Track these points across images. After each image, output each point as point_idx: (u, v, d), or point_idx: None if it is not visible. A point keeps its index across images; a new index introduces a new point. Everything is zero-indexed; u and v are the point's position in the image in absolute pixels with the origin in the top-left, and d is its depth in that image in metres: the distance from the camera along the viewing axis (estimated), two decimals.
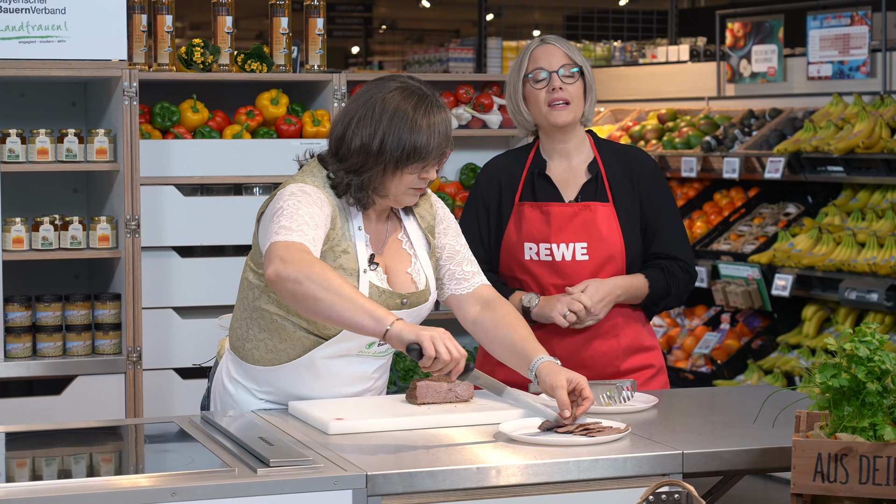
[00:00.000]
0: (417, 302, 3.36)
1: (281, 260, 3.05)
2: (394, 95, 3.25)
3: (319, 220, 3.19)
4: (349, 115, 3.28)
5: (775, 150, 7.26)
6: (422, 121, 3.23)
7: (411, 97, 3.25)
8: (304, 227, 3.14)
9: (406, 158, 3.22)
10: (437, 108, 3.28)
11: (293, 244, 3.09)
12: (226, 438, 3.06)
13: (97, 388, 4.83)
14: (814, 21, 7.47)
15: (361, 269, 3.27)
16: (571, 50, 3.80)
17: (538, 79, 3.77)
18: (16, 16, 4.70)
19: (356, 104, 3.28)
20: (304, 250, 3.08)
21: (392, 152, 3.21)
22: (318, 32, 5.29)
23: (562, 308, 3.68)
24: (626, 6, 12.24)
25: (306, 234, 3.13)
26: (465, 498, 2.84)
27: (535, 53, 3.79)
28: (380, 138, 3.21)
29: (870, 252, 6.63)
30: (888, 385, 2.75)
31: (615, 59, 10.55)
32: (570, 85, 3.76)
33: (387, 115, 3.22)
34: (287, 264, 3.04)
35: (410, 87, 3.27)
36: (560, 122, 3.77)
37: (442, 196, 5.49)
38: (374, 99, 3.25)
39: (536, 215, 3.80)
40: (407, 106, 3.24)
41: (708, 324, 7.77)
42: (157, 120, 5.10)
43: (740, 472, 3.14)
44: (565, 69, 3.76)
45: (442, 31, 19.27)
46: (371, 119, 3.23)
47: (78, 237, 4.83)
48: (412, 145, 3.22)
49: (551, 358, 3.30)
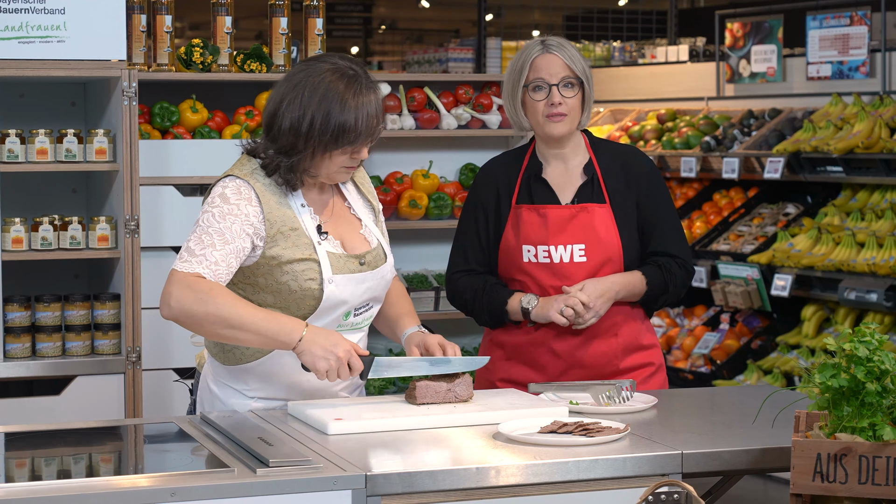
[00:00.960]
0: (376, 261, 3.41)
1: (175, 300, 3.17)
2: (324, 77, 3.25)
3: (235, 232, 3.23)
4: (280, 95, 3.30)
5: (775, 150, 7.26)
6: (351, 102, 3.24)
7: (341, 78, 3.26)
8: (207, 249, 3.21)
9: (335, 140, 3.25)
10: (367, 88, 3.28)
11: (188, 277, 3.19)
12: (225, 438, 3.06)
13: (96, 389, 4.83)
14: (813, 21, 7.47)
15: (316, 242, 3.31)
16: (573, 59, 3.76)
17: (537, 88, 3.76)
18: (15, 16, 4.70)
19: (287, 85, 3.29)
20: (195, 282, 3.17)
21: (321, 134, 3.24)
22: (317, 32, 5.29)
23: (558, 306, 3.68)
24: (626, 6, 12.24)
25: (209, 257, 3.20)
26: (464, 498, 2.84)
27: (536, 62, 3.76)
28: (309, 119, 3.23)
29: (869, 252, 6.63)
30: (887, 385, 2.75)
31: (614, 59, 10.55)
32: (570, 98, 3.75)
33: (316, 96, 3.24)
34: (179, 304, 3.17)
35: (341, 69, 3.28)
36: (556, 134, 3.77)
37: (441, 196, 5.49)
38: (304, 80, 3.26)
39: (534, 218, 3.80)
40: (336, 87, 3.24)
41: (707, 324, 7.77)
42: (156, 120, 5.10)
43: (740, 472, 3.14)
44: (565, 81, 3.75)
45: (441, 31, 19.27)
46: (300, 100, 3.25)
47: (77, 237, 4.83)
48: (340, 126, 3.23)
49: (421, 329, 3.47)
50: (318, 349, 3.17)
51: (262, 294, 3.32)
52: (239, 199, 3.28)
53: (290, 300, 3.30)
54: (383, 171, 5.62)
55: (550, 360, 3.78)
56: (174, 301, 3.17)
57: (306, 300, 3.30)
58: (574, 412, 3.35)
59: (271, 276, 3.30)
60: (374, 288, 3.41)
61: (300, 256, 3.29)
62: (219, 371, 3.43)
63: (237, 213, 3.26)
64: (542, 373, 3.78)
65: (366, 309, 3.44)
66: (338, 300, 3.32)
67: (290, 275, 3.28)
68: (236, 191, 3.29)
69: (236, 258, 3.24)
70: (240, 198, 3.28)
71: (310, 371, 3.22)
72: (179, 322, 3.21)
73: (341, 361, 3.18)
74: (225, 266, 3.22)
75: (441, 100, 5.57)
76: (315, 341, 3.18)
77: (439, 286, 5.40)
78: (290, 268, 3.28)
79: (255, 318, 3.17)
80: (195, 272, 3.19)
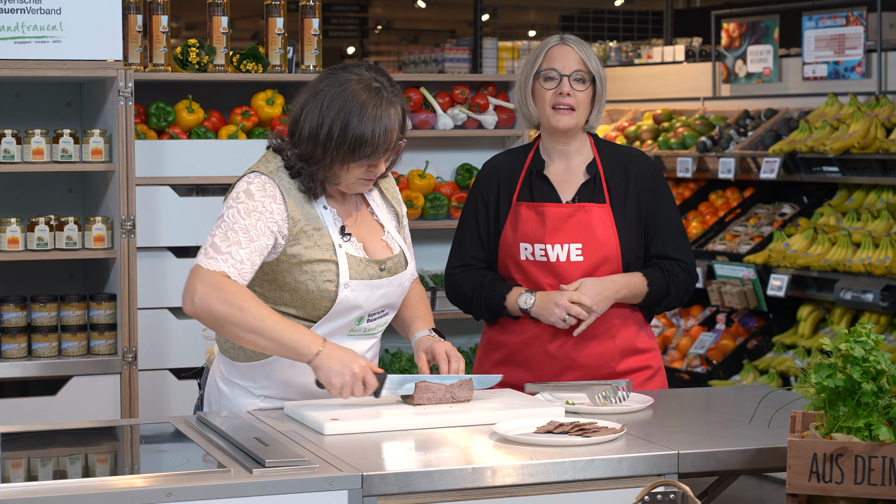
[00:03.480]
0: (396, 268, 3.40)
1: (200, 297, 3.16)
2: (346, 87, 3.24)
3: (259, 230, 3.23)
4: (302, 101, 3.30)
5: (771, 150, 7.26)
6: (370, 113, 3.21)
7: (364, 90, 3.23)
8: (233, 247, 3.20)
9: (352, 152, 3.22)
10: (388, 102, 3.25)
11: (214, 275, 3.17)
12: (221, 439, 3.06)
13: (92, 389, 4.82)
14: (809, 21, 7.47)
15: (337, 244, 3.31)
16: (589, 55, 3.77)
17: (549, 77, 3.76)
18: (11, 16, 4.70)
19: (311, 92, 3.29)
20: (221, 282, 3.16)
21: (339, 145, 3.21)
22: (313, 33, 5.29)
23: (561, 313, 3.67)
24: (622, 6, 12.24)
25: (234, 255, 3.19)
26: (460, 498, 2.84)
27: (551, 52, 3.77)
28: (327, 129, 3.22)
29: (865, 252, 6.64)
30: (883, 385, 2.75)
31: (611, 59, 10.55)
32: (580, 91, 3.75)
33: (335, 106, 3.22)
34: (204, 302, 3.16)
35: (364, 79, 3.26)
36: (561, 126, 3.77)
37: (437, 196, 5.49)
38: (326, 89, 3.25)
39: (532, 216, 3.80)
40: (357, 98, 3.22)
41: (703, 324, 7.77)
42: (152, 120, 5.10)
43: (736, 472, 3.15)
44: (577, 74, 3.75)
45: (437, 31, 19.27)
46: (320, 108, 3.24)
47: (73, 237, 4.83)
48: (358, 138, 3.21)
49: (431, 333, 3.50)
50: (334, 364, 3.17)
51: (279, 291, 3.32)
52: (264, 195, 3.26)
53: (306, 299, 3.30)
54: None
55: (546, 362, 3.78)
56: (199, 298, 3.16)
57: (322, 301, 3.30)
58: (570, 412, 3.35)
59: (290, 274, 3.29)
60: (389, 295, 3.40)
61: (320, 257, 3.28)
62: (228, 368, 3.43)
63: (262, 209, 3.25)
64: (538, 374, 3.78)
65: (380, 315, 3.43)
66: (352, 304, 3.32)
67: (309, 274, 3.28)
68: (261, 187, 3.27)
69: (260, 256, 3.24)
70: (265, 195, 3.27)
71: (323, 388, 3.22)
72: (200, 319, 3.19)
73: (356, 378, 3.18)
74: (249, 265, 3.21)
75: (437, 100, 5.57)
76: (332, 356, 3.18)
77: (436, 286, 5.41)
78: (309, 267, 3.28)
79: (276, 327, 3.17)
80: (221, 270, 3.18)
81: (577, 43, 3.78)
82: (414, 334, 3.52)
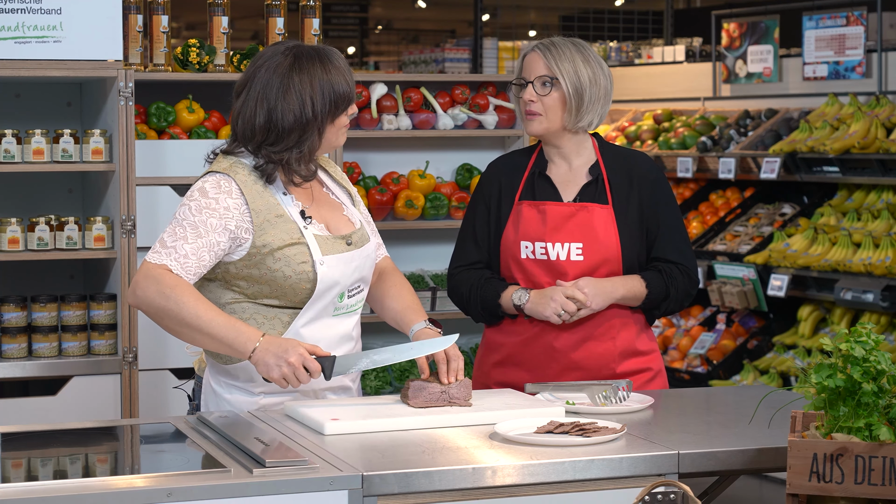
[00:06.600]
0: (361, 241, 3.45)
1: (142, 290, 3.22)
2: (299, 63, 3.33)
3: (210, 226, 3.26)
4: (267, 101, 3.32)
5: (771, 150, 7.27)
6: (330, 68, 3.34)
7: (312, 57, 3.34)
8: (179, 241, 3.24)
9: (337, 108, 3.35)
10: (331, 52, 3.39)
11: (156, 268, 3.23)
12: (221, 439, 3.06)
13: (93, 389, 4.82)
14: (809, 21, 7.48)
15: (302, 227, 3.34)
16: (559, 59, 3.75)
17: (519, 85, 3.81)
18: (11, 16, 4.70)
19: (268, 88, 3.32)
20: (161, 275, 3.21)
21: (324, 110, 3.32)
22: (313, 33, 5.29)
23: (556, 307, 3.68)
24: (622, 6, 12.25)
25: (179, 250, 3.24)
26: (461, 498, 2.84)
27: (524, 60, 3.84)
28: (310, 103, 3.31)
29: (865, 252, 6.64)
30: (883, 385, 2.75)
31: (611, 59, 10.56)
32: (544, 96, 3.76)
33: (307, 80, 3.32)
34: (144, 294, 3.22)
35: (303, 49, 3.37)
36: (530, 132, 3.82)
37: (438, 196, 5.49)
38: (285, 75, 3.32)
39: (533, 214, 3.80)
40: (313, 64, 3.33)
41: (704, 324, 7.78)
42: (152, 120, 5.10)
43: (736, 472, 3.15)
44: (539, 80, 3.76)
45: (437, 31, 19.29)
46: (294, 92, 3.31)
47: (73, 237, 4.83)
48: (338, 94, 3.34)
49: (428, 325, 3.47)
50: (270, 357, 3.19)
51: (258, 285, 3.33)
52: (219, 192, 3.30)
53: (285, 286, 3.31)
54: (380, 171, 5.62)
55: (546, 363, 3.78)
56: (140, 291, 3.22)
57: (301, 284, 3.31)
58: (570, 412, 3.35)
59: (264, 266, 3.30)
60: (361, 267, 3.44)
61: (289, 241, 3.31)
62: (221, 372, 3.42)
63: (215, 206, 3.28)
64: (537, 375, 3.77)
65: (357, 291, 3.46)
66: (331, 281, 3.35)
67: (283, 261, 3.30)
68: (216, 185, 3.31)
69: (209, 252, 3.26)
70: (219, 191, 3.30)
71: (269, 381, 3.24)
72: (143, 312, 3.27)
73: (294, 366, 3.19)
74: (195, 259, 3.24)
75: (437, 100, 5.57)
76: (268, 350, 3.20)
77: (436, 286, 5.40)
78: (281, 254, 3.30)
79: (212, 323, 3.20)
80: (163, 264, 3.23)
81: (546, 48, 3.78)
82: (410, 327, 3.51)
